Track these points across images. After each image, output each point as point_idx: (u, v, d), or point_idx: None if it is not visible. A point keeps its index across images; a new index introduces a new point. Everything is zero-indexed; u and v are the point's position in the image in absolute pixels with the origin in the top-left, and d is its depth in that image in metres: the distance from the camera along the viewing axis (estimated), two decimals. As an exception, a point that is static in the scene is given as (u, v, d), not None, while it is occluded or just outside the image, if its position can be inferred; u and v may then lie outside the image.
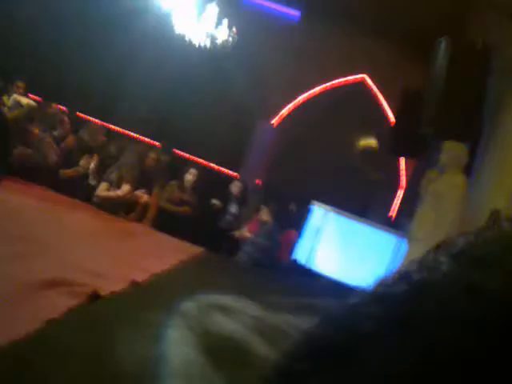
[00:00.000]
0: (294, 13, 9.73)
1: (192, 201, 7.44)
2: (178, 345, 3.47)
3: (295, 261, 7.24)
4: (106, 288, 4.02)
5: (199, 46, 8.20)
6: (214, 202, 7.58)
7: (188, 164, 8.24)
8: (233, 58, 8.71)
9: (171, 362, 3.23)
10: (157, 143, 8.84)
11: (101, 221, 6.27)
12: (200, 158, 9.05)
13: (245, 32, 8.64)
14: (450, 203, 6.19)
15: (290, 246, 7.28)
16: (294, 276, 6.81)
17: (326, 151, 8.82)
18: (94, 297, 3.83)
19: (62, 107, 8.29)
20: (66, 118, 8.02)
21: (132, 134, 9.14)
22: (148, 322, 3.73)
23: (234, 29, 8.46)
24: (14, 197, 5.37)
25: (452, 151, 7.13)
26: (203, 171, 8.00)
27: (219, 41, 8.31)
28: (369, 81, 9.70)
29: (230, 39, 8.53)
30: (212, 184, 7.97)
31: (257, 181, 8.65)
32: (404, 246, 7.04)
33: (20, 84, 7.68)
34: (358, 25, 8.84)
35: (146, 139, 9.09)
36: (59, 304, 3.55)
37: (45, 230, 4.84)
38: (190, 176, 7.64)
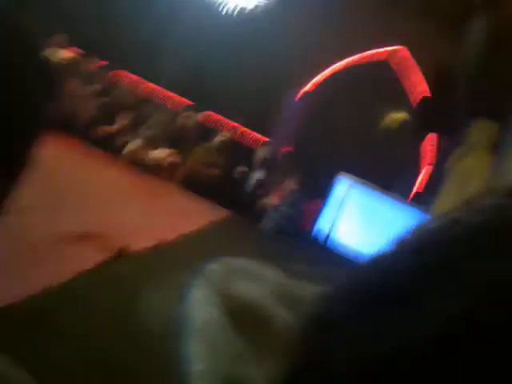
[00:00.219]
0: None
1: (221, 164, 7.47)
2: (201, 305, 3.51)
3: (318, 230, 7.26)
4: (135, 245, 4.10)
5: (235, 8, 8.13)
6: (241, 168, 7.58)
7: (219, 127, 8.24)
8: (268, 22, 8.61)
9: (193, 322, 3.28)
10: (190, 103, 8.82)
11: (132, 178, 6.34)
12: (231, 121, 9.02)
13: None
14: (478, 181, 6.14)
15: (314, 216, 7.30)
16: (317, 245, 6.85)
17: (355, 123, 8.73)
18: (123, 253, 3.92)
19: (102, 62, 8.30)
20: (105, 74, 8.04)
21: (167, 92, 9.12)
22: (173, 282, 3.78)
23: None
24: (50, 149, 5.43)
25: (484, 130, 7.05)
26: (234, 135, 8.01)
27: (254, 3, 8.23)
28: (404, 53, 9.53)
29: (265, 3, 8.44)
30: (242, 149, 7.98)
31: (286, 148, 8.64)
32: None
33: (61, 37, 7.68)
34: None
35: (181, 98, 9.06)
36: (88, 257, 3.64)
37: (77, 184, 4.91)
38: (220, 139, 7.65)
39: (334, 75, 9.41)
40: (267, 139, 8.87)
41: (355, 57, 9.45)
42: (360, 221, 7.34)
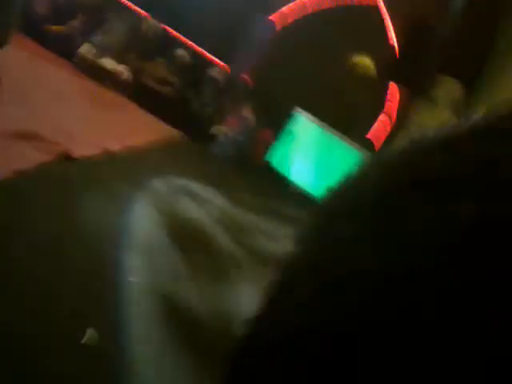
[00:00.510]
0: None
1: (175, 82, 7.24)
2: (143, 220, 3.46)
3: (268, 162, 7.22)
4: (78, 151, 3.95)
5: None
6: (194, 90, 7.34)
7: (176, 43, 7.92)
8: None
9: (135, 236, 3.23)
10: (147, 14, 8.39)
11: (82, 85, 6.05)
12: (190, 39, 8.68)
13: None
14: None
15: (266, 146, 7.24)
16: (266, 176, 6.81)
17: (321, 64, 8.58)
18: (66, 157, 3.76)
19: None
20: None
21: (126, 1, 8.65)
22: (115, 192, 3.70)
23: None
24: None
25: (449, 88, 7.07)
26: (191, 54, 7.74)
27: None
28: (381, 3, 9.36)
29: None
30: (198, 70, 7.73)
31: (244, 75, 8.44)
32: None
33: None
34: None
35: (138, 8, 8.61)
36: (30, 157, 3.48)
37: (24, 82, 4.65)
38: (178, 56, 7.39)
39: (313, 8, 9.17)
40: (226, 63, 8.64)
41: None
42: (310, 159, 7.34)
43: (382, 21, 9.32)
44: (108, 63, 6.75)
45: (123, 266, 2.80)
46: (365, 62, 9.11)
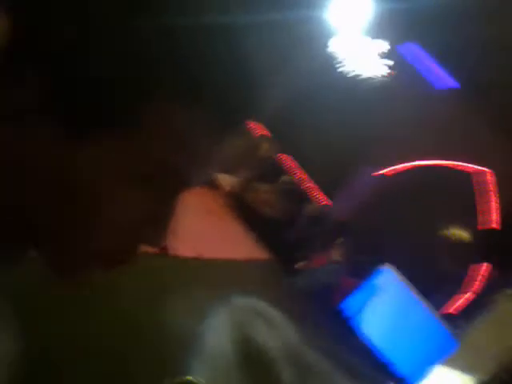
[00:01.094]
0: (450, 82, 9.58)
1: (280, 208, 7.46)
2: (220, 335, 3.49)
3: (344, 309, 7.11)
4: (174, 249, 4.08)
5: (352, 71, 8.25)
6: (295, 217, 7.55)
7: (289, 170, 8.25)
8: (374, 95, 8.69)
9: (208, 348, 3.26)
10: (267, 133, 8.80)
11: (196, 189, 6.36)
12: (300, 169, 9.01)
13: (397, 78, 8.61)
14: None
15: (346, 293, 7.16)
16: (338, 323, 6.70)
17: (417, 224, 8.64)
18: (163, 250, 3.90)
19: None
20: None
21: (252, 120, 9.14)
22: (198, 299, 3.78)
23: (388, 70, 8.46)
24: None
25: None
26: (299, 184, 8.02)
27: (370, 75, 8.34)
28: (489, 177, 9.43)
29: (380, 78, 8.53)
30: (301, 200, 7.97)
31: (342, 218, 8.60)
32: (451, 348, 6.80)
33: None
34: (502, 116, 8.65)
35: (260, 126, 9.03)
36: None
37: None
38: (287, 182, 7.67)
39: (415, 169, 9.37)
40: (327, 202, 8.84)
41: (443, 161, 9.40)
42: (387, 317, 7.16)
43: (488, 198, 9.34)
44: (223, 177, 7.09)
45: (188, 374, 2.80)
46: (463, 235, 9.06)
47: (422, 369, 6.73)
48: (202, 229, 5.16)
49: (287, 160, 8.84)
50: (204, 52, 0.61)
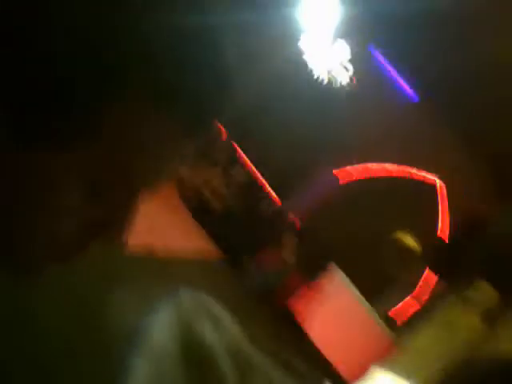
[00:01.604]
0: (412, 93, 9.74)
1: (225, 197, 7.43)
2: (161, 329, 3.43)
3: (292, 313, 7.16)
4: (122, 237, 4.02)
5: (317, 78, 8.29)
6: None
7: (237, 160, 8.22)
8: (341, 103, 8.76)
9: (148, 341, 3.19)
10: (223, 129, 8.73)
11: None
12: (252, 161, 8.97)
13: (363, 87, 8.69)
14: (460, 337, 6.07)
15: (293, 293, 7.20)
16: (285, 323, 6.74)
17: (371, 230, 8.74)
18: (108, 241, 3.84)
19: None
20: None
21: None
22: (147, 291, 3.71)
23: (354, 78, 8.54)
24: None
25: (484, 293, 7.02)
26: (247, 175, 8.00)
27: (337, 82, 8.40)
28: (438, 187, 9.63)
29: (346, 86, 8.61)
30: (249, 193, 7.97)
31: (296, 218, 8.62)
32: (390, 350, 6.93)
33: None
34: (462, 131, 8.85)
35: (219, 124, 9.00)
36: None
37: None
38: (234, 174, 7.64)
39: (376, 176, 9.48)
40: (280, 202, 8.85)
41: (400, 169, 9.53)
42: (330, 316, 7.26)
43: (436, 205, 9.53)
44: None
45: (129, 370, 2.75)
46: (412, 244, 9.21)
47: (360, 368, 6.85)
48: (154, 222, 5.09)
49: (244, 155, 8.80)
50: (174, 53, 0.57)
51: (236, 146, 8.70)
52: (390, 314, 8.86)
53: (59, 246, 0.60)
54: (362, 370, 6.96)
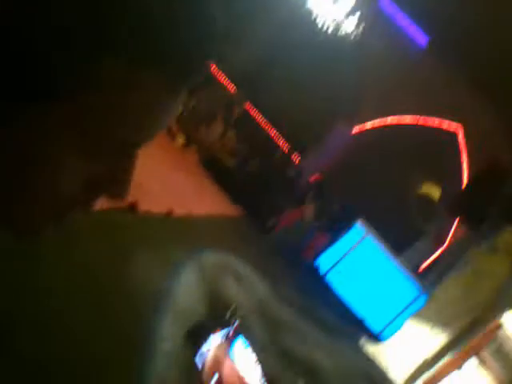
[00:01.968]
0: (422, 38, 9.50)
1: (241, 155, 7.43)
2: (187, 288, 3.45)
3: (317, 266, 7.16)
4: (144, 206, 4.03)
5: (323, 25, 8.12)
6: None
7: (256, 122, 8.17)
8: (347, 51, 8.59)
9: (175, 300, 3.22)
10: (233, 88, 8.64)
11: (165, 141, 6.27)
12: (269, 123, 8.88)
13: (370, 34, 8.51)
14: (489, 285, 6.03)
15: (318, 250, 7.19)
16: (311, 279, 6.74)
17: (390, 181, 8.66)
18: (131, 208, 3.84)
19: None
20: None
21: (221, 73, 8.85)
22: (167, 253, 3.73)
23: (361, 26, 8.35)
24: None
25: (510, 238, 6.93)
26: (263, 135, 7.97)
27: (343, 30, 8.22)
28: (460, 135, 9.46)
29: (353, 34, 8.43)
30: (272, 155, 7.93)
31: (315, 175, 8.56)
32: (422, 302, 6.91)
33: None
34: (477, 73, 8.64)
35: (225, 79, 8.84)
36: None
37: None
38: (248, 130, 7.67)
39: (389, 127, 9.34)
40: (297, 157, 8.79)
41: (417, 119, 9.37)
42: (359, 273, 7.23)
43: (458, 152, 9.39)
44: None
45: (157, 329, 2.78)
46: (433, 191, 9.12)
47: (393, 323, 6.86)
48: (173, 185, 5.09)
49: (254, 111, 8.69)
50: (166, 8, 0.53)
51: (246, 102, 8.63)
52: (420, 267, 8.84)
53: (62, 204, 0.58)
54: (393, 324, 7.00)
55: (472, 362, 4.93)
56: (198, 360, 2.62)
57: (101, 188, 0.57)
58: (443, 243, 8.89)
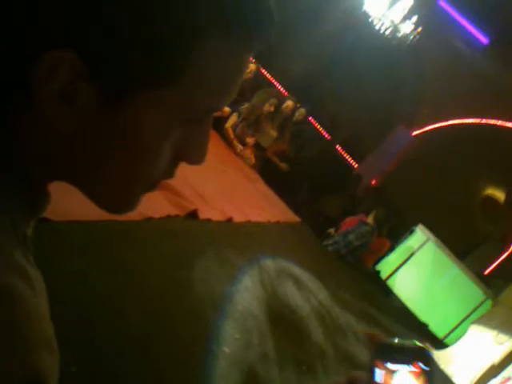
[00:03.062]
0: (483, 38, 9.31)
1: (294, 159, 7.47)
2: (247, 294, 3.54)
3: (377, 271, 7.13)
4: (204, 214, 4.13)
5: (380, 30, 8.09)
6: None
7: (312, 133, 8.19)
8: (406, 55, 8.52)
9: (235, 306, 3.31)
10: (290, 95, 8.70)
11: (222, 152, 6.41)
12: (327, 133, 8.90)
13: (428, 36, 8.41)
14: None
15: (378, 255, 7.15)
16: (372, 285, 6.71)
17: (451, 183, 8.50)
18: (193, 215, 3.95)
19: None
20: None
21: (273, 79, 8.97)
22: (228, 259, 3.83)
23: (419, 28, 8.27)
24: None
25: None
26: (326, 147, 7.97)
27: (401, 33, 8.17)
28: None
29: (411, 37, 8.36)
30: (329, 165, 7.92)
31: (373, 181, 8.52)
32: (487, 307, 6.77)
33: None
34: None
35: (283, 89, 8.93)
36: (160, 206, 3.69)
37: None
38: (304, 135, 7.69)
39: (453, 130, 9.17)
40: (355, 163, 8.77)
41: (482, 120, 9.16)
42: (422, 279, 7.15)
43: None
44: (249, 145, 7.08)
45: (220, 333, 2.86)
46: (497, 193, 8.90)
47: (458, 328, 6.74)
48: (233, 193, 5.20)
49: (311, 120, 8.70)
50: None
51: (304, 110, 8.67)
52: (486, 270, 8.64)
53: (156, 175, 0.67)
54: (457, 329, 6.87)
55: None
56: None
57: (183, 154, 0.63)
58: (509, 246, 8.66)
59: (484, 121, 9.12)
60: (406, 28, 8.23)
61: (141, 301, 2.66)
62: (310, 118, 8.45)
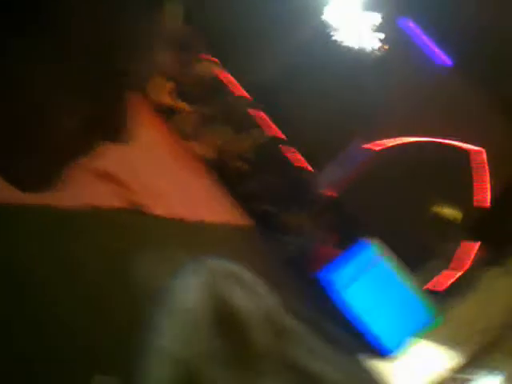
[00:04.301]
0: (446, 60, 9.45)
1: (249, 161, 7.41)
2: (192, 291, 3.40)
3: (324, 280, 7.08)
4: (153, 208, 4.03)
5: (345, 42, 8.16)
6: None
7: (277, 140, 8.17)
8: (370, 69, 8.60)
9: (177, 302, 3.17)
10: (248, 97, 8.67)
11: (175, 145, 6.27)
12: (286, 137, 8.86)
13: (393, 53, 8.52)
14: (503, 305, 5.96)
15: (325, 262, 7.12)
16: (319, 292, 6.69)
17: (409, 200, 8.57)
18: (138, 209, 3.84)
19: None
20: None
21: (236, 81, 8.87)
22: (173, 257, 3.69)
23: (385, 45, 8.38)
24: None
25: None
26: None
27: (367, 48, 8.26)
28: (484, 157, 9.36)
29: (376, 52, 8.45)
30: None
31: (330, 191, 8.50)
32: (435, 322, 6.84)
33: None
34: (498, 94, 8.58)
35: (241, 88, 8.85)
36: (104, 198, 3.57)
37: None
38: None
39: (409, 145, 9.27)
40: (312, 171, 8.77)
41: (441, 140, 9.29)
42: (368, 288, 7.18)
43: (481, 173, 9.27)
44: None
45: (158, 328, 2.76)
46: (454, 214, 9.01)
47: (403, 341, 6.76)
48: (184, 190, 5.08)
49: (265, 119, 8.64)
50: None
51: (262, 112, 8.62)
52: (430, 285, 8.72)
53: (63, 149, 0.58)
54: (401, 342, 6.90)
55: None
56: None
57: (97, 129, 0.58)
58: (458, 263, 8.78)
59: (442, 140, 9.24)
60: (372, 43, 8.32)
61: (76, 288, 2.56)
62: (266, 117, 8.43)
